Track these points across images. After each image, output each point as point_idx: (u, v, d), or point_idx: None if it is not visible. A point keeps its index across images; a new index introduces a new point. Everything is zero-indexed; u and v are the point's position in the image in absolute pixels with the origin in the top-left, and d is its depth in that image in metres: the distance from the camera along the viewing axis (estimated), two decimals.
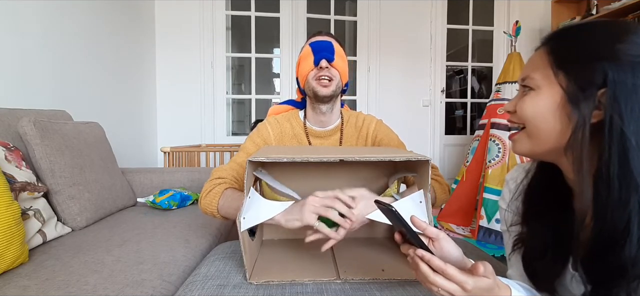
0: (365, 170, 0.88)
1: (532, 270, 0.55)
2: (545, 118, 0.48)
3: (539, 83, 0.48)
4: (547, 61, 0.48)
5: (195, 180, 1.71)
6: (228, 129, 3.09)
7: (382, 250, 0.83)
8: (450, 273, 0.44)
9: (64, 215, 1.14)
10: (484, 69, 3.62)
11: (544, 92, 0.48)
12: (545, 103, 0.48)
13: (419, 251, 0.48)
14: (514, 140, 0.54)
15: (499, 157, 2.23)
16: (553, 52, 0.48)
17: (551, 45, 0.49)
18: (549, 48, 0.49)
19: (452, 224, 2.39)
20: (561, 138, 0.47)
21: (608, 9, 2.46)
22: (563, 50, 0.48)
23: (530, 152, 0.52)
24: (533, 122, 0.49)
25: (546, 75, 0.48)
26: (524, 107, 0.50)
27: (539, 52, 0.51)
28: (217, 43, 2.89)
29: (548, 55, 0.49)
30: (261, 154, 0.66)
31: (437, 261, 0.45)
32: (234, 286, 0.66)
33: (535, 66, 0.50)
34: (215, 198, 0.83)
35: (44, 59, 1.63)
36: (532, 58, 0.52)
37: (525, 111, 0.49)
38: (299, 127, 1.02)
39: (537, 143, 0.50)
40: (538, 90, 0.48)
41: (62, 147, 1.18)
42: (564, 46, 0.48)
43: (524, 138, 0.52)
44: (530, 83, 0.50)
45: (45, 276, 0.80)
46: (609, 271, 0.43)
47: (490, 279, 0.45)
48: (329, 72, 0.94)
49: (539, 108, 0.48)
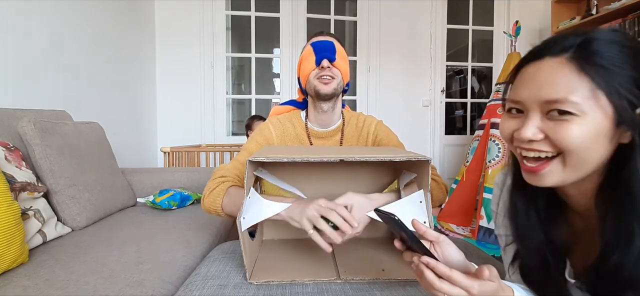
0: (365, 170, 0.88)
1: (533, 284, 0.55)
2: (595, 145, 0.42)
3: (583, 108, 0.41)
4: (586, 79, 0.41)
5: (195, 180, 1.71)
6: (228, 129, 3.09)
7: (382, 250, 0.83)
8: (456, 278, 0.43)
9: (64, 215, 1.13)
10: (484, 69, 3.62)
11: (591, 117, 0.41)
12: (596, 128, 0.41)
13: (424, 258, 0.46)
14: (542, 174, 0.46)
15: (499, 157, 2.23)
16: (591, 68, 0.41)
17: (582, 58, 0.42)
18: (575, 63, 0.42)
19: (452, 224, 2.39)
20: (601, 164, 0.44)
21: (608, 9, 2.46)
22: (603, 65, 0.41)
23: (561, 182, 0.46)
24: (581, 152, 0.42)
25: (590, 96, 0.41)
26: (570, 135, 0.42)
27: (565, 67, 0.43)
28: (217, 43, 2.89)
29: (583, 72, 0.41)
30: (261, 154, 0.66)
31: (443, 268, 0.44)
32: (234, 286, 0.66)
33: (571, 86, 0.42)
34: (219, 197, 0.84)
35: (44, 59, 1.63)
36: (556, 75, 0.43)
37: (573, 140, 0.42)
38: (300, 128, 1.02)
39: (576, 173, 0.44)
40: (583, 115, 0.41)
41: (62, 147, 1.18)
42: (603, 60, 0.41)
43: (558, 169, 0.45)
44: (568, 108, 0.42)
45: (45, 276, 0.80)
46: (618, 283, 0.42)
47: (495, 283, 0.45)
48: (331, 71, 0.94)
49: (588, 136, 0.42)
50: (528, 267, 0.54)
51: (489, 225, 2.12)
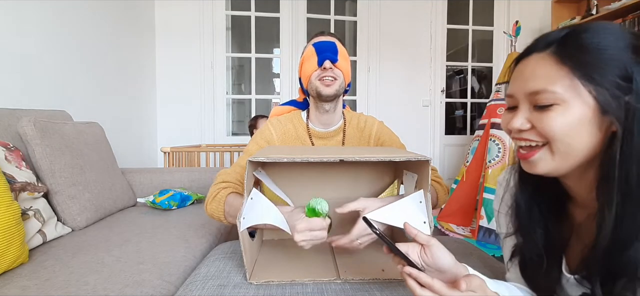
0: (365, 170, 0.88)
1: (530, 278, 0.56)
2: (579, 133, 0.44)
3: (562, 97, 0.44)
4: (565, 70, 0.44)
5: (195, 180, 1.71)
6: (228, 129, 3.09)
7: (382, 250, 0.83)
8: (436, 288, 0.46)
9: (64, 215, 1.13)
10: (484, 69, 3.62)
11: (573, 105, 0.43)
12: (578, 117, 0.43)
13: (407, 268, 0.49)
14: (533, 161, 0.48)
15: (499, 157, 2.23)
16: (570, 60, 0.44)
17: (559, 52, 0.45)
18: (556, 56, 0.45)
19: (452, 224, 2.39)
20: (592, 152, 0.45)
21: (608, 9, 2.46)
22: (581, 57, 0.43)
23: (554, 170, 0.47)
24: (565, 140, 0.44)
25: (570, 86, 0.43)
26: (551, 124, 0.45)
27: (544, 60, 0.46)
28: (217, 43, 2.89)
29: (562, 64, 0.44)
30: (261, 154, 0.66)
31: (424, 277, 0.47)
32: (234, 286, 0.66)
33: (549, 78, 0.45)
34: (221, 205, 0.84)
35: (44, 59, 1.63)
36: (536, 68, 0.46)
37: (554, 128, 0.44)
38: (301, 128, 1.02)
39: (566, 160, 0.46)
40: (564, 104, 0.44)
41: (62, 147, 1.18)
42: (580, 52, 0.44)
43: (548, 157, 0.47)
44: (549, 99, 0.44)
45: (45, 276, 0.80)
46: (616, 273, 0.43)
47: (477, 293, 0.46)
48: (333, 72, 0.94)
49: (571, 123, 0.44)
50: (526, 261, 0.56)
51: (489, 225, 2.12)
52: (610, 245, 0.43)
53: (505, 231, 0.60)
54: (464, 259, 0.56)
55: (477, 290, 0.46)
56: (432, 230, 0.66)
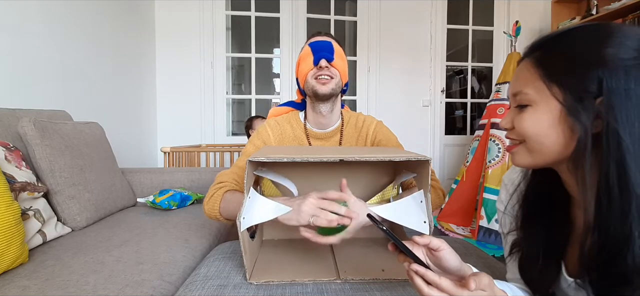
0: (365, 170, 0.88)
1: (528, 275, 0.56)
2: (547, 133, 0.46)
3: (533, 99, 0.47)
4: (537, 74, 0.46)
5: (195, 180, 1.71)
6: (228, 129, 3.09)
7: (382, 250, 0.83)
8: (444, 286, 0.45)
9: (64, 215, 1.13)
10: (484, 69, 3.62)
11: (541, 107, 0.46)
12: (545, 118, 0.46)
13: (414, 266, 0.48)
14: (514, 153, 0.52)
15: (499, 157, 2.23)
16: (541, 64, 0.46)
17: (536, 56, 0.47)
18: (534, 60, 0.47)
19: (452, 224, 2.40)
20: (564, 150, 0.46)
21: (608, 9, 2.46)
22: (551, 61, 0.46)
23: (531, 164, 0.50)
24: (535, 139, 0.47)
25: (539, 88, 0.46)
26: (522, 124, 0.48)
27: (526, 64, 0.49)
28: (217, 43, 2.89)
29: (535, 67, 0.47)
30: (261, 154, 0.66)
31: (431, 275, 0.46)
32: (234, 286, 0.66)
33: (525, 80, 0.48)
34: (217, 203, 0.84)
35: (44, 59, 1.63)
36: (519, 71, 0.50)
37: (525, 128, 0.48)
38: (299, 129, 1.02)
39: (540, 156, 0.48)
40: (534, 105, 0.47)
41: (62, 147, 1.18)
42: (552, 56, 0.46)
43: (524, 152, 0.50)
44: (524, 100, 0.48)
45: (45, 276, 0.80)
46: (612, 281, 0.42)
47: (486, 292, 0.45)
48: (329, 71, 0.94)
49: (540, 124, 0.46)
50: (524, 256, 0.56)
51: (489, 225, 2.12)
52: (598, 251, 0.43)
53: (509, 224, 0.61)
54: (464, 259, 0.56)
55: (486, 289, 0.46)
56: (432, 230, 0.66)
